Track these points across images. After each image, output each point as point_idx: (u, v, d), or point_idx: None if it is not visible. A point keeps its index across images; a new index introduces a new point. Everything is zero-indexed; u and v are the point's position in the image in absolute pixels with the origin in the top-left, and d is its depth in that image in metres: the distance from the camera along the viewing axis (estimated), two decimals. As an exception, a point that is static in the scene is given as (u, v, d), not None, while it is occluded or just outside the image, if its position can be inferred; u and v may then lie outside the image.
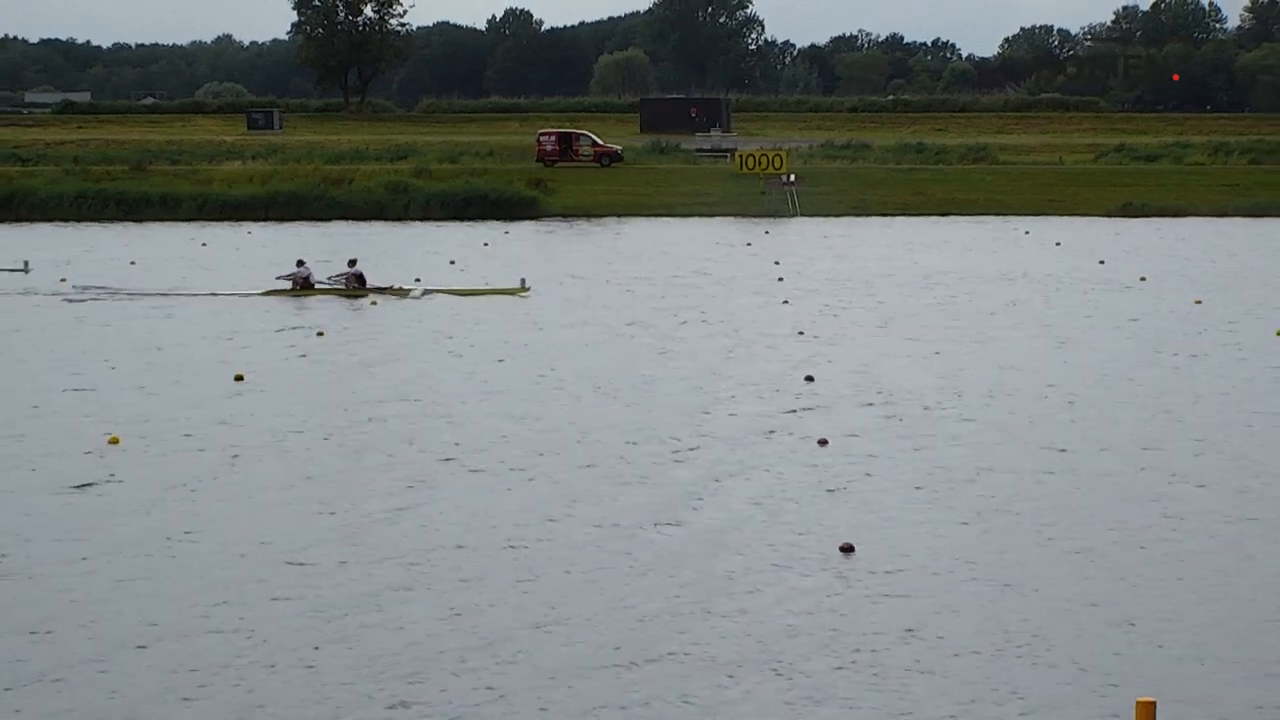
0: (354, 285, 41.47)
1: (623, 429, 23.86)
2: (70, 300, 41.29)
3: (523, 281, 42.70)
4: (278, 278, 42.54)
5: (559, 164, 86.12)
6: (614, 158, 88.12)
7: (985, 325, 35.90)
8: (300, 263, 42.64)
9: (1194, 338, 33.87)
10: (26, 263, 49.05)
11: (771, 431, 23.70)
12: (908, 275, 46.78)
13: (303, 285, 41.68)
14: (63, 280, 45.60)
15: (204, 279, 45.88)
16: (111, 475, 20.87)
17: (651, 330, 35.37)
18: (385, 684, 13.28)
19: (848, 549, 17.17)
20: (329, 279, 42.07)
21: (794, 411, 25.25)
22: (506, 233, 64.79)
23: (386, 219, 71.79)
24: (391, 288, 41.54)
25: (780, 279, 45.70)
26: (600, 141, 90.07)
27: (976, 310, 38.63)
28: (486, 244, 58.99)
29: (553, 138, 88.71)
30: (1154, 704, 11.53)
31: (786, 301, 40.47)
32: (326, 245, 57.06)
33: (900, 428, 23.95)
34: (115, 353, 32.12)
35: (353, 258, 44.14)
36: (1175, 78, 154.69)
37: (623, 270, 48.73)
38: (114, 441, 22.84)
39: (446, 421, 24.56)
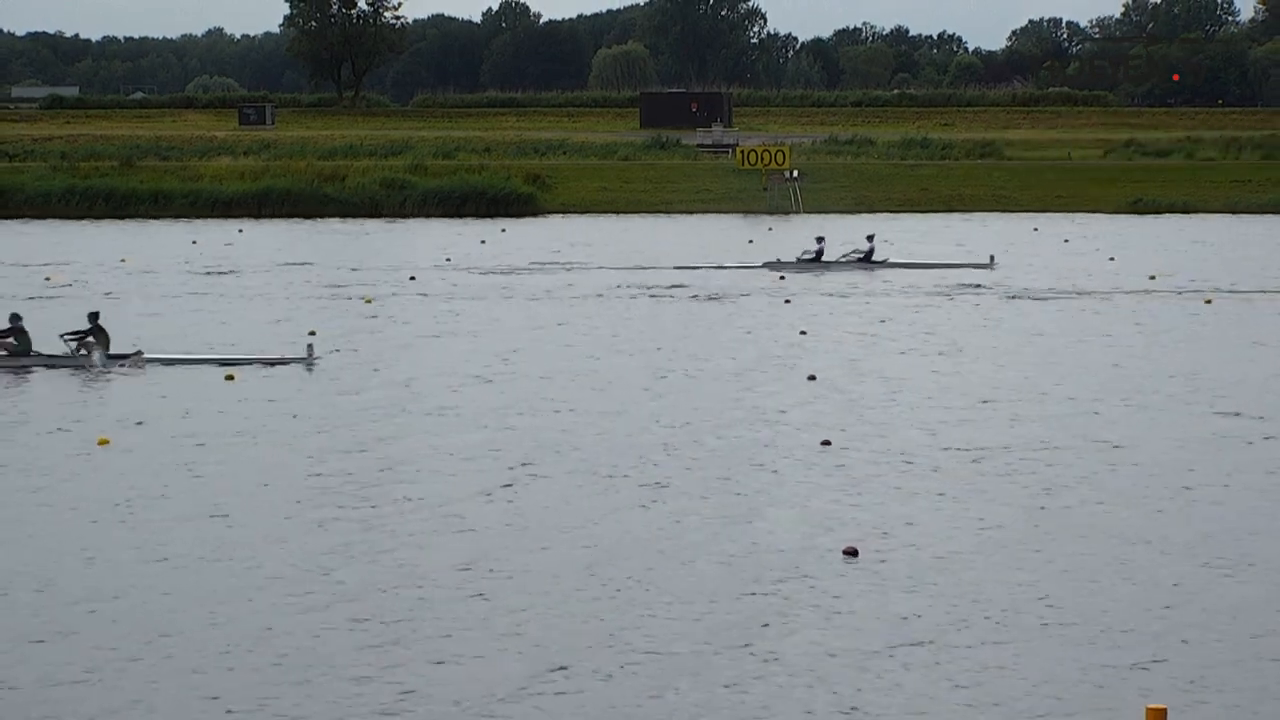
0: None
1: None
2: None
3: None
4: None
5: None
6: None
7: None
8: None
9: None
10: (993, 257, 47.80)
11: None
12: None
13: None
14: (47, 279, 44.50)
15: None
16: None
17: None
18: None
19: (852, 551, 16.87)
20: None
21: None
22: (503, 231, 63.16)
23: (382, 216, 71.24)
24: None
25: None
26: None
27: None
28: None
29: None
30: (1164, 711, 11.59)
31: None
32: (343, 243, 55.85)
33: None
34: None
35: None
36: (1175, 78, 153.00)
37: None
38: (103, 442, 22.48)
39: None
